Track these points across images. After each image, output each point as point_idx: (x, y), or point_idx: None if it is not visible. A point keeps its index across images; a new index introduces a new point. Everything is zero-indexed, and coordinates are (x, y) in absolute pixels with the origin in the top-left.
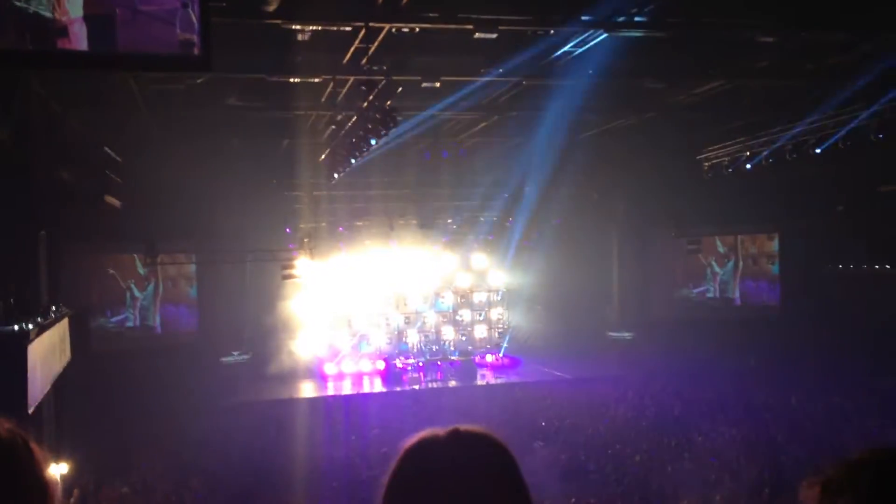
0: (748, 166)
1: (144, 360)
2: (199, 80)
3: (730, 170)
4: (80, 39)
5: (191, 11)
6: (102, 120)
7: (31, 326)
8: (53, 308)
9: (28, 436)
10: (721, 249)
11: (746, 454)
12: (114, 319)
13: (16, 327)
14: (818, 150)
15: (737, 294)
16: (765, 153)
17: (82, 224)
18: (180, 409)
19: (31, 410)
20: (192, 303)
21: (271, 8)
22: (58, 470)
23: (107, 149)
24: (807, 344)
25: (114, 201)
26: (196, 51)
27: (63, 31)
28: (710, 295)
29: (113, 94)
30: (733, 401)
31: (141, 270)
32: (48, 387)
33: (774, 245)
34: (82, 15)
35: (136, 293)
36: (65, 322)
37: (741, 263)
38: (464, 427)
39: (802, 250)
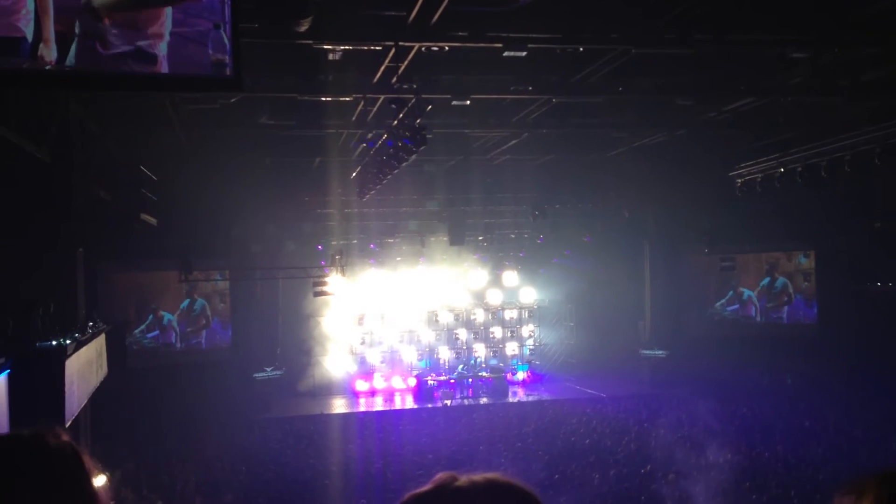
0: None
1: (179, 376)
2: (232, 100)
3: (760, 188)
4: None
5: (223, 33)
6: (138, 139)
7: (68, 342)
8: (91, 324)
9: (79, 447)
10: (756, 267)
11: (782, 474)
12: (149, 335)
13: (54, 342)
14: (853, 167)
15: (784, 312)
16: (798, 169)
17: (119, 241)
18: (214, 424)
19: (67, 424)
20: (225, 319)
21: (303, 28)
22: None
23: (142, 168)
24: (845, 363)
25: (149, 219)
26: (228, 71)
27: None
28: (745, 312)
29: (148, 114)
30: (770, 420)
31: (177, 287)
32: (85, 401)
33: (811, 263)
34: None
35: (170, 309)
36: (102, 338)
37: (777, 282)
38: (487, 476)
39: (839, 268)
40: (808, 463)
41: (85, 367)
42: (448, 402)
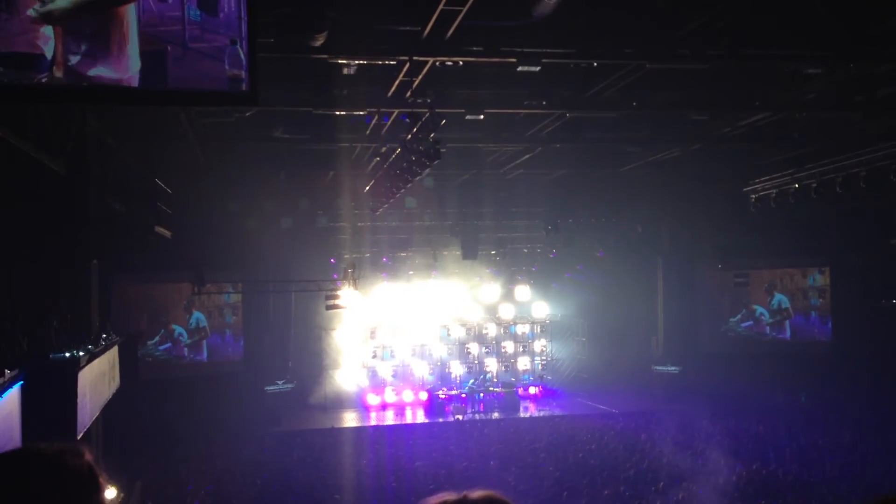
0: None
1: (190, 388)
2: (247, 114)
3: (774, 203)
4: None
5: (239, 48)
6: (154, 153)
7: (81, 354)
8: (104, 336)
9: (96, 466)
10: (769, 283)
11: (796, 492)
12: (161, 347)
13: (67, 354)
14: (869, 183)
15: (787, 330)
16: (813, 185)
17: (132, 254)
18: (225, 436)
19: (79, 436)
20: (237, 332)
21: (318, 43)
22: (106, 495)
23: (157, 181)
24: (860, 380)
25: (164, 231)
26: (244, 86)
27: None
28: (758, 329)
29: (164, 127)
30: (784, 437)
31: (188, 300)
32: (97, 413)
33: (825, 279)
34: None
35: (184, 322)
36: (114, 350)
37: (791, 298)
38: (476, 494)
39: (854, 284)
40: (822, 481)
41: (98, 379)
42: (459, 417)
